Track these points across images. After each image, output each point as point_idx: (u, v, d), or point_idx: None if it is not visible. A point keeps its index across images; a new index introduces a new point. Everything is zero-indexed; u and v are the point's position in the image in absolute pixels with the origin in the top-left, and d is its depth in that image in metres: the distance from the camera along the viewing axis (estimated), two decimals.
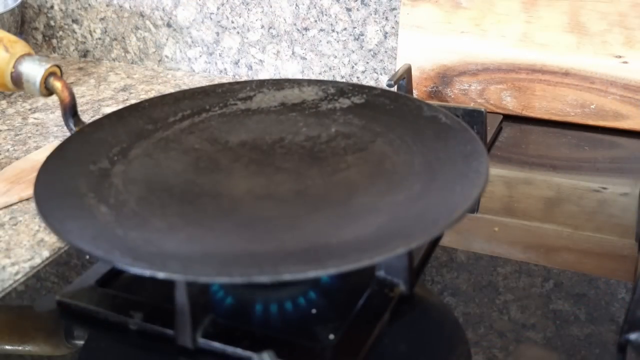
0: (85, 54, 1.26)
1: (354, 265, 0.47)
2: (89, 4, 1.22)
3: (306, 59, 1.10)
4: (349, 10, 1.04)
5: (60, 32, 1.27)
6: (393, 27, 1.02)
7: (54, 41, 1.28)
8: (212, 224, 0.57)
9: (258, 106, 0.74)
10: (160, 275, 0.47)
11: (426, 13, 0.95)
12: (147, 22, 1.19)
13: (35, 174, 0.59)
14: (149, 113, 0.72)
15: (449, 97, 0.96)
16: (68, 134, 0.67)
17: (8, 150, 0.90)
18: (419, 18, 0.96)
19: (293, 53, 1.10)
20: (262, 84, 0.77)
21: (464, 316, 0.58)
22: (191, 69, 1.19)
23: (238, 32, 1.13)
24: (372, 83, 1.06)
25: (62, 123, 0.68)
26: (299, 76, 1.11)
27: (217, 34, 1.14)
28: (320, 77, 1.07)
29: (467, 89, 0.95)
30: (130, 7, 1.19)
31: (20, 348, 0.56)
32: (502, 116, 0.92)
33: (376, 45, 1.04)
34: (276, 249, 0.52)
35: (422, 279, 0.62)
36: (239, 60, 1.15)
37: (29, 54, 0.67)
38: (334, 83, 0.76)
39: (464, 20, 0.94)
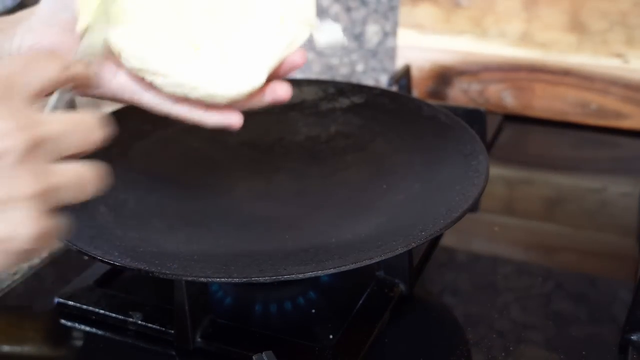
0: None
1: (354, 265, 0.47)
2: None
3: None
4: (348, 9, 1.04)
5: None
6: (393, 27, 1.01)
7: None
8: (212, 224, 0.57)
9: None
10: (159, 275, 0.47)
11: (426, 12, 0.95)
12: None
13: None
14: (149, 113, 0.71)
15: (449, 96, 0.96)
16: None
17: None
18: (419, 18, 0.95)
19: None
20: None
21: (464, 316, 0.58)
22: None
23: None
24: (371, 83, 1.05)
25: None
26: (299, 76, 1.11)
27: None
28: (320, 77, 1.06)
29: (467, 88, 0.95)
30: None
31: (19, 348, 0.56)
32: (502, 116, 0.92)
33: (376, 45, 1.04)
34: (276, 249, 0.52)
35: (422, 279, 0.61)
36: None
37: None
38: (333, 83, 0.76)
39: (463, 20, 0.93)
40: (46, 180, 0.35)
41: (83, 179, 0.38)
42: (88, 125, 0.39)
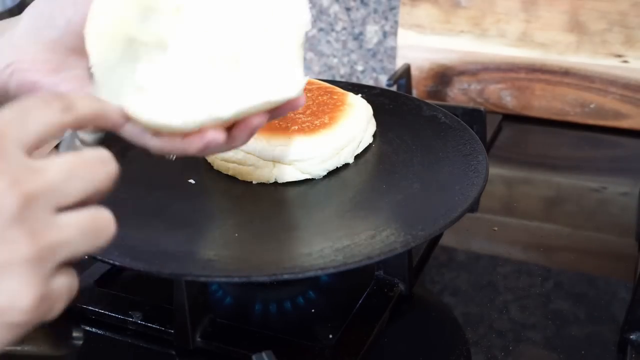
0: None
1: (354, 265, 0.47)
2: None
3: (305, 58, 1.10)
4: (348, 9, 1.04)
5: None
6: (392, 27, 1.02)
7: None
8: (211, 224, 0.57)
9: None
10: (159, 275, 0.47)
11: (426, 12, 0.95)
12: None
13: None
14: None
15: (449, 96, 0.96)
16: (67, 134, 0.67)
17: None
18: (419, 17, 0.96)
19: None
20: None
21: (464, 316, 0.58)
22: None
23: None
24: (371, 82, 1.06)
25: None
26: None
27: None
28: (320, 77, 1.07)
29: (467, 88, 0.95)
30: None
31: (19, 348, 0.56)
32: (501, 116, 0.92)
33: (375, 44, 1.04)
34: (276, 249, 0.52)
35: (421, 279, 0.62)
36: None
37: None
38: (333, 83, 0.76)
39: (463, 20, 0.94)
40: (45, 238, 0.32)
41: (91, 228, 0.35)
42: (92, 166, 0.35)
